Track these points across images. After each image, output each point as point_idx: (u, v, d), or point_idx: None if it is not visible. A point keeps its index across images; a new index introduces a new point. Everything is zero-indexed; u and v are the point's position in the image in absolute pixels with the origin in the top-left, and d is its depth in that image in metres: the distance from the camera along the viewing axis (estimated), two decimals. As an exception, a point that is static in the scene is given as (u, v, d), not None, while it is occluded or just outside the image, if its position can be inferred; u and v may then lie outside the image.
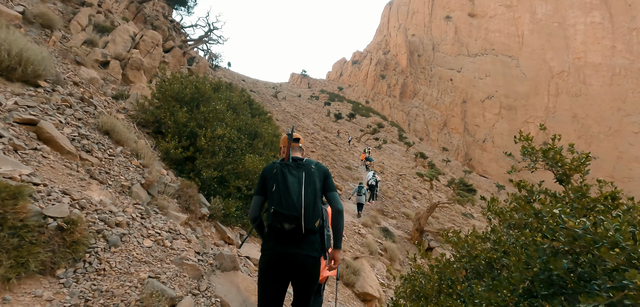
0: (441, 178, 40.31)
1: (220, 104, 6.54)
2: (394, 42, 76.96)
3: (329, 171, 2.58)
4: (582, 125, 73.92)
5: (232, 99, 7.76)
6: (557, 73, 74.94)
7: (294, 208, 1.98)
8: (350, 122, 51.37)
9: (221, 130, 5.84)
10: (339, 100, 65.81)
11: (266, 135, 7.76)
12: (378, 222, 12.47)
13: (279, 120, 26.89)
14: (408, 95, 74.77)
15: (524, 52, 76.33)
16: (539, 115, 75.15)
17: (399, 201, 17.48)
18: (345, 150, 27.71)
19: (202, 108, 6.06)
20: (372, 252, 9.21)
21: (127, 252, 2.85)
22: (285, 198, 2.00)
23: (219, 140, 5.78)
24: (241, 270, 4.14)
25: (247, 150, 6.71)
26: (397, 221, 13.96)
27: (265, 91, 51.64)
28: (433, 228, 12.40)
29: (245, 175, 5.84)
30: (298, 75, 79.49)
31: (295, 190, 2.03)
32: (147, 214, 3.66)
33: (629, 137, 71.14)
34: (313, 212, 2.05)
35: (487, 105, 75.20)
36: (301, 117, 36.21)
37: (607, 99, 72.79)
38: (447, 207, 14.39)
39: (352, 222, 10.89)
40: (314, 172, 2.18)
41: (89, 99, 5.14)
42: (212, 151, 5.71)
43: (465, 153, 73.16)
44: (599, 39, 73.28)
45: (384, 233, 11.44)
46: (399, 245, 11.40)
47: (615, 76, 72.61)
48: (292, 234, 2.01)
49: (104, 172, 3.93)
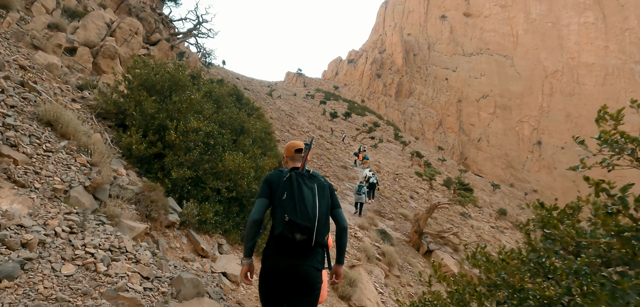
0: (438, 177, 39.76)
1: (197, 93, 5.65)
2: (389, 41, 76.34)
3: (324, 174, 2.34)
4: (576, 125, 73.97)
5: (213, 90, 6.87)
6: (551, 73, 74.90)
7: (308, 219, 1.92)
8: (346, 121, 50.62)
9: (196, 123, 4.96)
10: (334, 99, 65.03)
11: (254, 132, 6.89)
12: (375, 224, 11.67)
13: (273, 118, 26.01)
14: (404, 94, 74.21)
15: (518, 51, 76.18)
16: (533, 114, 75.11)
17: (397, 201, 16.72)
18: (341, 149, 26.91)
19: (174, 97, 5.16)
20: (369, 257, 8.39)
21: (29, 286, 1.98)
22: (301, 208, 1.92)
23: (194, 135, 4.90)
24: (210, 294, 3.28)
25: (230, 147, 5.86)
26: (394, 222, 13.16)
27: (260, 89, 50.71)
28: (432, 230, 11.63)
29: (225, 175, 4.99)
30: (293, 74, 78.49)
31: (310, 201, 1.97)
32: (81, 226, 2.79)
33: (622, 137, 71.26)
34: (325, 225, 2.01)
35: (482, 105, 74.93)
36: (296, 116, 35.35)
37: (600, 99, 72.85)
38: (446, 207, 13.71)
39: (348, 226, 10.08)
40: (326, 186, 2.14)
41: (31, 84, 4.24)
42: (186, 147, 4.84)
43: (461, 152, 72.85)
44: (592, 39, 73.36)
45: (382, 236, 10.64)
46: (398, 248, 10.61)
47: (608, 76, 72.75)
48: (301, 245, 1.94)
49: (32, 173, 3.04)
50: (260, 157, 6.27)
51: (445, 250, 12.04)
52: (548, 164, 73.52)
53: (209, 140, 5.18)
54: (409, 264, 9.97)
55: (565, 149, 74.08)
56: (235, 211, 5.03)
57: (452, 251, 12.39)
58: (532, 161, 74.42)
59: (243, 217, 5.19)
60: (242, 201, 5.22)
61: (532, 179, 73.86)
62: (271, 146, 9.52)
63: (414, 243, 11.53)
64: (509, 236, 26.93)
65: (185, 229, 4.45)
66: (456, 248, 12.72)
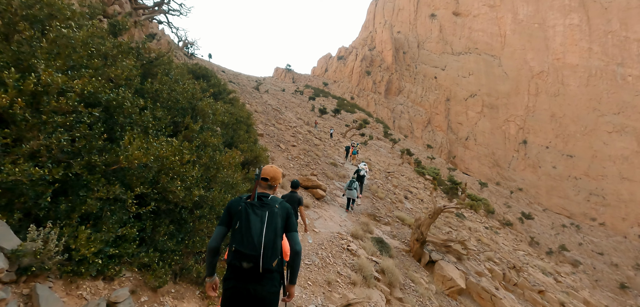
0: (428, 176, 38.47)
1: (81, 32, 3.43)
2: (379, 39, 74.93)
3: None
4: (560, 125, 74.39)
5: (151, 58, 4.78)
6: (537, 73, 74.99)
7: (253, 248, 1.98)
8: (335, 118, 48.88)
9: (68, 80, 2.86)
10: (324, 95, 63.19)
11: (215, 116, 4.95)
12: (370, 231, 9.89)
13: (258, 111, 23.97)
14: (393, 92, 72.98)
15: (506, 51, 75.96)
16: (519, 114, 75.14)
17: (391, 202, 15.01)
18: (330, 145, 25.10)
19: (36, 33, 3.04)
20: (366, 277, 6.60)
21: None
22: (247, 237, 2.00)
23: (64, 101, 2.80)
24: None
25: (163, 132, 3.76)
26: (391, 227, 11.42)
27: (247, 83, 48.42)
28: (436, 238, 9.94)
29: (133, 174, 3.04)
30: (282, 69, 76.14)
31: (257, 230, 2.02)
32: None
33: (604, 137, 72.07)
34: (272, 252, 2.04)
35: (470, 104, 74.45)
36: (284, 111, 33.33)
37: (583, 99, 73.43)
38: (451, 211, 12.10)
39: (339, 235, 8.25)
40: (277, 212, 2.15)
41: None
42: (41, 123, 2.68)
43: (449, 150, 72.23)
44: (577, 41, 73.75)
45: (379, 246, 8.87)
46: (398, 260, 8.86)
47: (591, 77, 73.29)
48: (250, 272, 2.01)
49: None
50: (218, 148, 4.33)
51: (448, 259, 10.38)
52: (533, 163, 73.72)
53: (101, 115, 3.11)
54: (412, 281, 8.22)
55: (550, 148, 74.45)
56: (165, 230, 3.10)
57: (456, 260, 10.74)
58: (518, 159, 74.49)
59: (181, 239, 3.26)
60: (180, 214, 3.28)
61: (517, 177, 73.94)
62: (246, 138, 7.56)
63: (415, 253, 9.81)
64: (503, 237, 25.74)
65: (29, 282, 2.35)
66: (460, 257, 11.08)
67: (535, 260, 21.01)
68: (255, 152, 7.00)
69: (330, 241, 7.67)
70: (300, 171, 13.44)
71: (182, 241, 3.25)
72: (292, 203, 5.26)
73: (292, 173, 12.68)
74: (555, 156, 73.48)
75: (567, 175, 72.74)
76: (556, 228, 66.60)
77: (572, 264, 50.45)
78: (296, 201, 5.32)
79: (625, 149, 69.82)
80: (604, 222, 68.15)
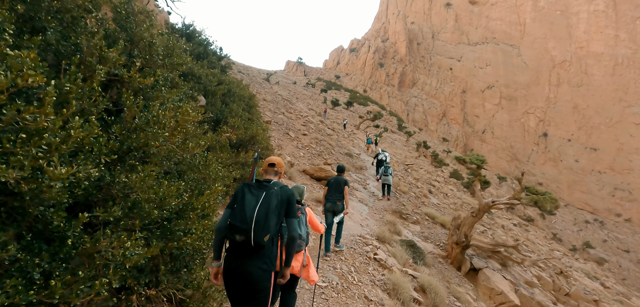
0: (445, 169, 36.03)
1: None
2: (392, 30, 71.92)
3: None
4: (583, 116, 69.87)
5: None
6: (559, 63, 70.52)
7: (245, 222, 2.01)
8: (348, 110, 46.72)
9: None
10: (336, 88, 60.98)
11: (162, 50, 3.04)
12: (397, 232, 7.93)
13: (266, 100, 22.19)
14: (407, 84, 70.03)
15: (525, 40, 71.70)
16: (539, 105, 70.98)
17: (415, 196, 12.96)
18: (344, 136, 23.11)
19: None
20: (404, 302, 4.66)
21: None
22: (240, 213, 2.04)
23: None
24: None
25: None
26: (420, 226, 9.42)
27: (257, 75, 46.80)
28: (483, 242, 7.87)
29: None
30: (294, 62, 74.14)
31: (251, 206, 2.06)
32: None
33: (630, 129, 67.24)
34: (263, 227, 2.03)
35: (487, 96, 70.74)
36: (294, 101, 31.46)
37: (608, 90, 68.65)
38: (500, 209, 10.03)
39: (362, 239, 6.33)
40: (274, 193, 2.15)
41: None
42: None
43: (465, 144, 68.91)
44: (602, 28, 68.82)
45: (411, 252, 6.90)
46: (435, 270, 6.89)
47: (617, 66, 68.38)
48: (243, 246, 2.04)
49: None
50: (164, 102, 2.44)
51: (492, 265, 8.31)
52: (554, 157, 69.56)
53: None
54: (456, 299, 6.22)
55: (572, 141, 70.11)
56: None
57: (500, 268, 8.65)
58: (538, 153, 70.46)
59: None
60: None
61: (537, 171, 69.98)
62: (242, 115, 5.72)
63: (453, 259, 7.79)
64: (534, 234, 23.27)
65: None
66: (504, 262, 8.97)
67: (576, 262, 18.55)
68: (251, 130, 5.15)
69: (351, 248, 5.77)
70: (311, 161, 11.56)
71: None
72: (339, 185, 5.47)
73: (303, 163, 10.80)
74: (578, 149, 69.13)
75: (590, 169, 68.36)
76: (579, 224, 62.77)
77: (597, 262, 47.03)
78: (342, 182, 5.51)
79: (654, 141, 64.96)
80: (630, 218, 63.75)
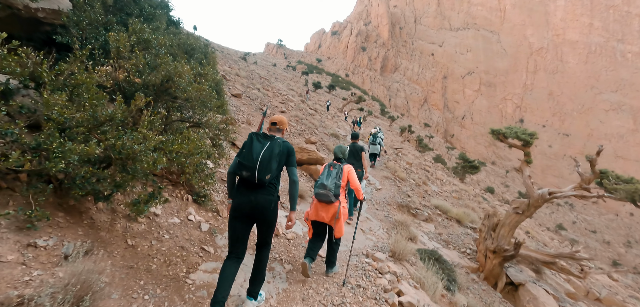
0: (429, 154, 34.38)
1: None
2: (375, 13, 69.18)
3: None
4: (557, 103, 70.85)
5: None
6: (536, 50, 70.67)
7: (251, 161, 2.28)
8: (330, 94, 44.02)
9: None
10: (317, 72, 57.91)
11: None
12: (412, 237, 5.49)
13: (240, 76, 19.08)
14: (389, 69, 67.97)
15: (505, 27, 71.18)
16: (516, 92, 71.22)
17: (416, 184, 10.63)
18: (328, 117, 20.51)
19: None
20: None
21: None
22: (248, 155, 2.32)
23: None
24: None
25: None
26: (435, 225, 7.04)
27: (233, 54, 42.92)
28: (532, 250, 5.58)
29: None
30: (273, 45, 70.06)
31: (257, 151, 2.32)
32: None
33: (600, 115, 68.89)
34: (266, 167, 2.29)
35: (467, 82, 70.06)
36: (273, 81, 28.33)
37: (582, 77, 69.74)
38: (556, 201, 8.11)
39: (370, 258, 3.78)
40: (277, 144, 2.40)
41: None
42: None
43: (445, 129, 68.26)
44: (578, 16, 69.30)
45: (437, 268, 4.46)
46: (472, 295, 4.52)
47: (590, 54, 69.38)
48: (248, 182, 2.34)
49: None
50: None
51: (529, 276, 6.07)
52: (529, 142, 70.41)
53: None
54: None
55: (546, 127, 71.12)
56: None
57: (534, 276, 6.43)
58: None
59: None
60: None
61: (513, 156, 70.68)
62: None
63: (488, 273, 5.45)
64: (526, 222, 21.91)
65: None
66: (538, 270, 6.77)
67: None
68: (166, 72, 2.47)
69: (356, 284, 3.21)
70: (291, 141, 8.90)
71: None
72: (355, 151, 5.52)
73: (278, 143, 8.11)
74: (552, 134, 70.27)
75: (562, 154, 69.81)
76: (551, 207, 64.12)
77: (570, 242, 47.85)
78: (358, 149, 5.54)
79: (621, 127, 66.86)
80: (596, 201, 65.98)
